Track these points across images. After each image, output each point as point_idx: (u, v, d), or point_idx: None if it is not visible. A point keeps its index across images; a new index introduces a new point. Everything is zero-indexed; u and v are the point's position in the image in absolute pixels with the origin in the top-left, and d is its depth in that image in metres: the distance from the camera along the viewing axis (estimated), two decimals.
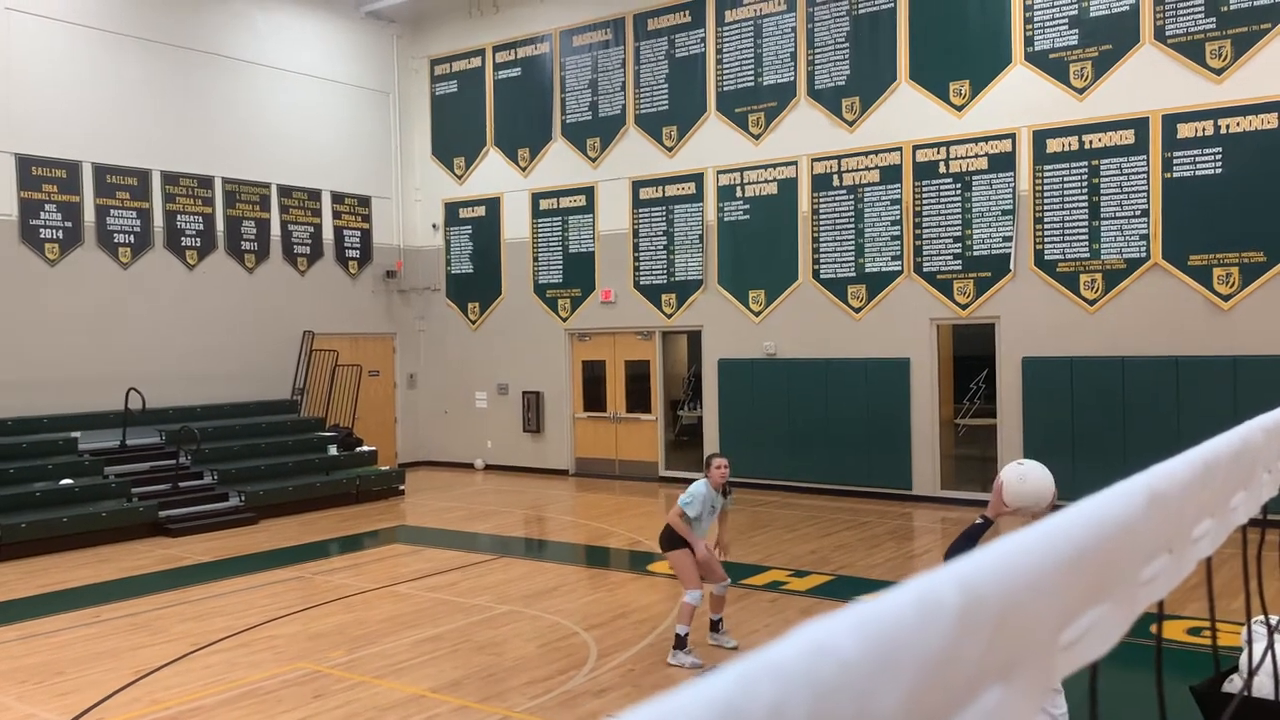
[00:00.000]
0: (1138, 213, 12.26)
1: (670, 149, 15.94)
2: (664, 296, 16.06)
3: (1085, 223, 12.58)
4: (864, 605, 0.42)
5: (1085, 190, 12.58)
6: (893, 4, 13.87)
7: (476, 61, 18.22)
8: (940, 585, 0.44)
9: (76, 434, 13.68)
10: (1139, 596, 0.72)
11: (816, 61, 14.52)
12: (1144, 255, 12.21)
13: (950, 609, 0.43)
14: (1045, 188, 12.83)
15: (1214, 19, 11.77)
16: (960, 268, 13.42)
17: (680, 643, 7.04)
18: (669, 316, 16.04)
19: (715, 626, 7.53)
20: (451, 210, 18.64)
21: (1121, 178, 12.35)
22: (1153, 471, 0.79)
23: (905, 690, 0.39)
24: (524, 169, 17.63)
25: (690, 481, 7.80)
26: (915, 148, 13.73)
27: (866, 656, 0.37)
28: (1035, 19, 12.85)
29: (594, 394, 17.12)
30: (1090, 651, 0.61)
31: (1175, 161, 12.02)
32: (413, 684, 6.82)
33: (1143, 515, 0.68)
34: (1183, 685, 4.60)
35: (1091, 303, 12.54)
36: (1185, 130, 11.95)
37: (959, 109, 13.42)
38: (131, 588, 9.93)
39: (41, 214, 14.02)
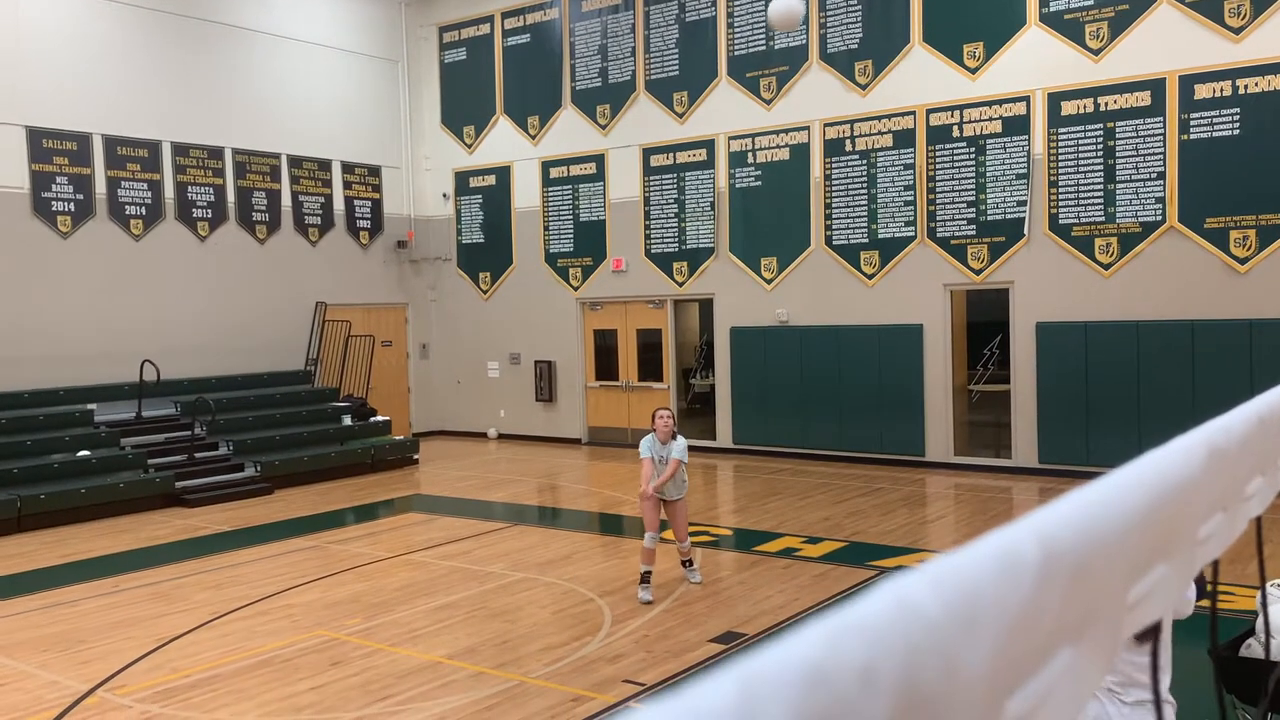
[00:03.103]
0: (1154, 175, 12.12)
1: (681, 115, 15.82)
2: (675, 265, 16.00)
3: (1100, 186, 12.45)
4: (944, 560, 0.40)
5: (1100, 153, 12.44)
6: None
7: (485, 29, 18.07)
8: (1020, 539, 0.42)
9: (92, 406, 13.75)
10: (1197, 556, 0.70)
11: (829, 24, 14.35)
12: (1160, 218, 12.09)
13: (1031, 564, 0.41)
14: (1060, 151, 12.70)
15: None
16: (974, 233, 13.32)
17: (643, 578, 7.99)
18: (680, 285, 15.98)
19: (685, 565, 8.42)
20: (462, 179, 18.57)
21: (1137, 140, 12.21)
22: (1211, 426, 0.76)
23: (989, 650, 0.37)
24: (534, 137, 17.53)
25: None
26: (929, 111, 13.59)
27: (951, 614, 0.35)
28: None
29: (606, 363, 17.11)
30: (1153, 611, 0.59)
31: (1192, 123, 11.87)
32: (429, 651, 6.86)
33: (1202, 471, 0.66)
34: (1192, 647, 4.57)
35: (1106, 267, 12.44)
36: (1203, 91, 11.80)
37: (973, 72, 13.27)
38: (150, 557, 10.00)
39: (53, 186, 14.02)
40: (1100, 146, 12.43)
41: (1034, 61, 12.81)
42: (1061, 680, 0.43)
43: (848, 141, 14.25)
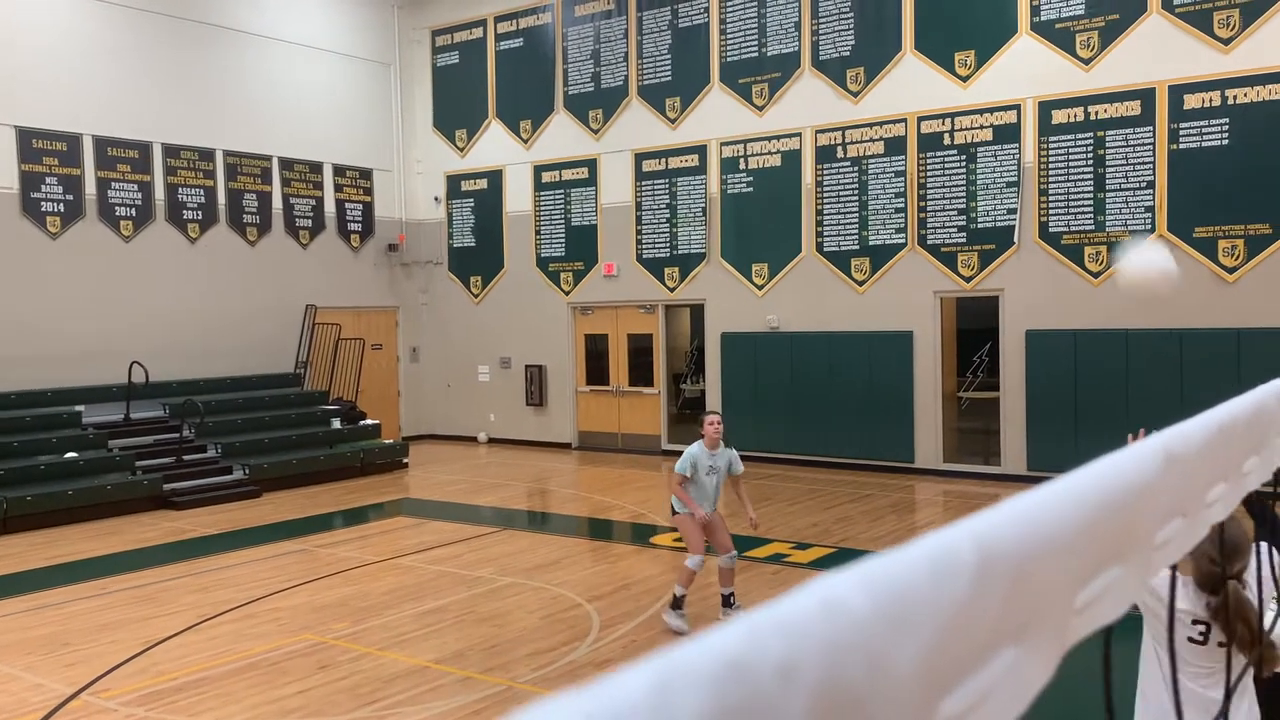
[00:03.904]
0: (1143, 184, 12.18)
1: (673, 121, 15.84)
2: (667, 270, 16.01)
3: (1090, 195, 12.50)
4: (875, 561, 0.40)
5: (1090, 162, 12.50)
6: None
7: (478, 32, 18.08)
8: (956, 541, 0.42)
9: (80, 407, 13.69)
10: (1153, 560, 0.71)
11: (821, 32, 14.39)
12: (1149, 227, 12.14)
13: (966, 566, 0.41)
14: (1050, 159, 12.75)
15: None
16: (964, 240, 13.36)
17: (676, 603, 7.25)
18: (672, 290, 15.99)
19: (726, 601, 7.42)
20: (453, 183, 18.56)
21: (1127, 149, 12.26)
22: (1169, 433, 0.77)
23: (919, 649, 0.37)
24: (526, 141, 17.53)
25: None
26: (920, 119, 13.63)
27: (879, 614, 0.36)
28: None
29: (596, 367, 17.11)
30: (1104, 615, 0.59)
31: (1181, 132, 11.93)
32: (416, 655, 6.85)
33: (1159, 477, 0.66)
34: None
35: (1096, 275, 12.49)
36: (1192, 101, 11.85)
37: (964, 80, 13.32)
38: (137, 560, 9.96)
39: (43, 187, 13.97)
40: (1090, 155, 12.49)
41: (1025, 70, 12.86)
42: (1002, 681, 0.44)
43: (839, 148, 14.29)
